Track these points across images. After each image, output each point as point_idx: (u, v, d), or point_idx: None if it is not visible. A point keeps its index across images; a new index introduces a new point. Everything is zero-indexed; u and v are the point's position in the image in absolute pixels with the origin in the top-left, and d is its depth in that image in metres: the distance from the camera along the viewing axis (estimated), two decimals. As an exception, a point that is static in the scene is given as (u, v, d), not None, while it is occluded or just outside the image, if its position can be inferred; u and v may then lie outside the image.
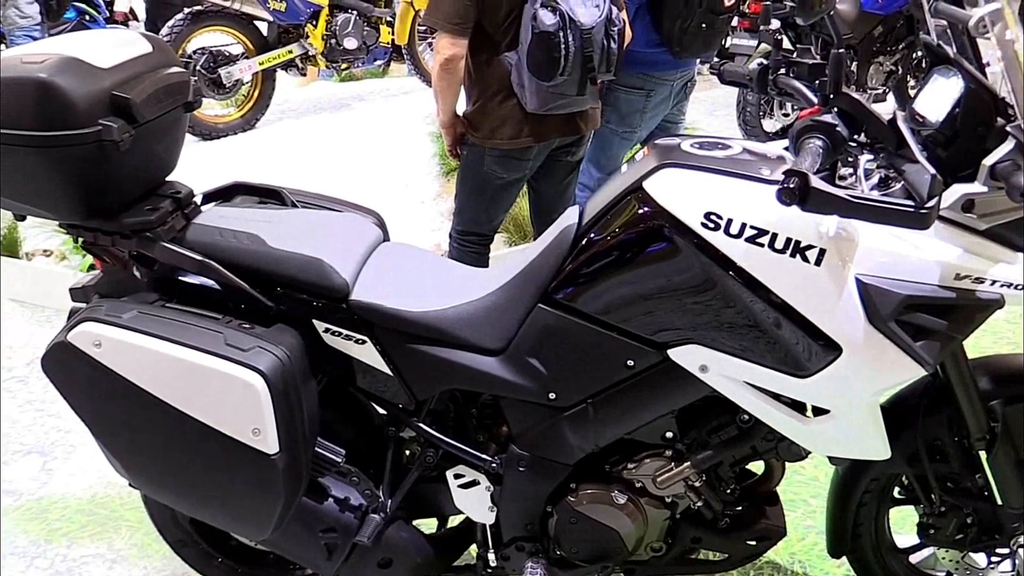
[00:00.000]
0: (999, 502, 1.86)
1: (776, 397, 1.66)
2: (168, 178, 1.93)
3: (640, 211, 1.64)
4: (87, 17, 7.99)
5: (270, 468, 1.66)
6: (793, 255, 1.52)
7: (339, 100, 6.28)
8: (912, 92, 6.52)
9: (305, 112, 6.02)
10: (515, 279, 1.81)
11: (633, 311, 1.68)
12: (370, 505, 1.90)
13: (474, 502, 1.92)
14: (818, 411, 1.67)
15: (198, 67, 5.23)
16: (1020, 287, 1.56)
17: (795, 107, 6.27)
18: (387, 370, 1.84)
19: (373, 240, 1.99)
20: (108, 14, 8.28)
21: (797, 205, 1.32)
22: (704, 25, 3.25)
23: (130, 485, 1.86)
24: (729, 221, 1.55)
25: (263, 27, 5.63)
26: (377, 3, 6.02)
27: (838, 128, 1.43)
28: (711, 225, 1.56)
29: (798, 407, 1.68)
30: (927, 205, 1.31)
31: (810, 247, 1.51)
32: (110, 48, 1.75)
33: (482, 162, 2.96)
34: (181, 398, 1.66)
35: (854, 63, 6.26)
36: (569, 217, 1.79)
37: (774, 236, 1.53)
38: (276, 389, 1.63)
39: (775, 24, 1.89)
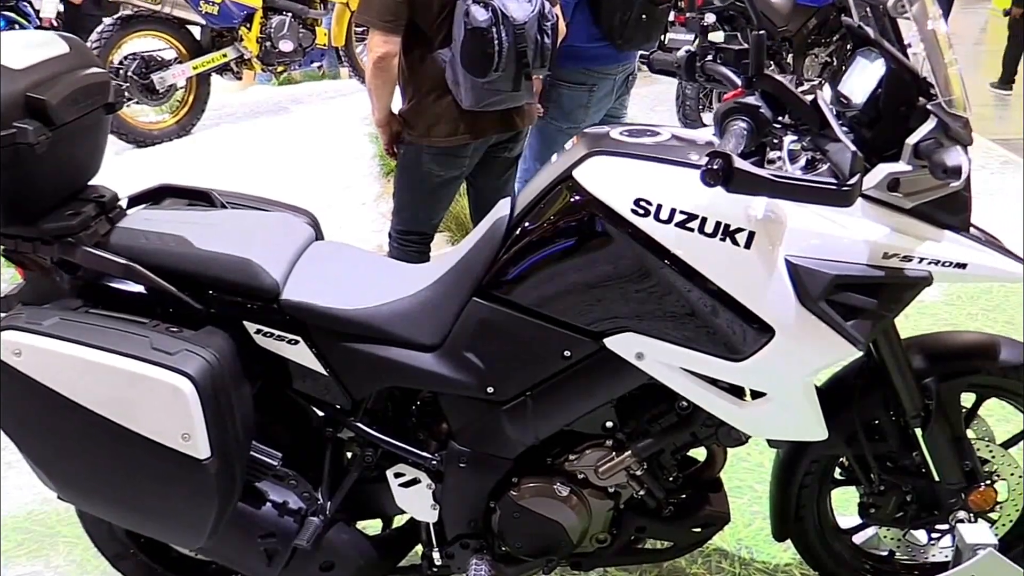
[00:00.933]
0: (936, 478, 1.88)
1: (714, 382, 1.66)
2: (92, 182, 1.88)
3: (570, 200, 1.63)
4: (16, 26, 7.82)
5: (202, 474, 1.62)
6: (723, 239, 1.52)
7: (277, 104, 6.20)
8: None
9: (242, 116, 5.93)
10: (449, 273, 1.79)
11: (567, 301, 1.67)
12: (309, 508, 1.87)
13: (416, 501, 1.90)
14: (756, 394, 1.68)
15: (129, 73, 5.12)
16: (947, 264, 1.58)
17: (731, 98, 6.42)
18: (322, 370, 1.80)
19: (304, 239, 1.95)
20: (39, 22, 8.11)
21: (721, 186, 1.32)
22: (644, 16, 3.26)
23: (59, 498, 1.80)
24: (659, 207, 1.55)
25: (196, 31, 5.54)
26: (312, 5, 5.96)
27: (761, 109, 1.44)
28: (641, 211, 1.56)
29: (736, 391, 1.68)
30: (849, 182, 1.32)
31: (739, 230, 1.52)
32: (24, 49, 1.69)
33: (419, 160, 2.94)
34: (107, 405, 1.61)
35: (790, 55, 6.35)
36: (501, 209, 1.78)
37: (704, 220, 1.53)
38: (205, 392, 1.59)
39: (710, 18, 1.91)
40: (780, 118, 1.51)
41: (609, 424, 1.81)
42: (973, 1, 12.83)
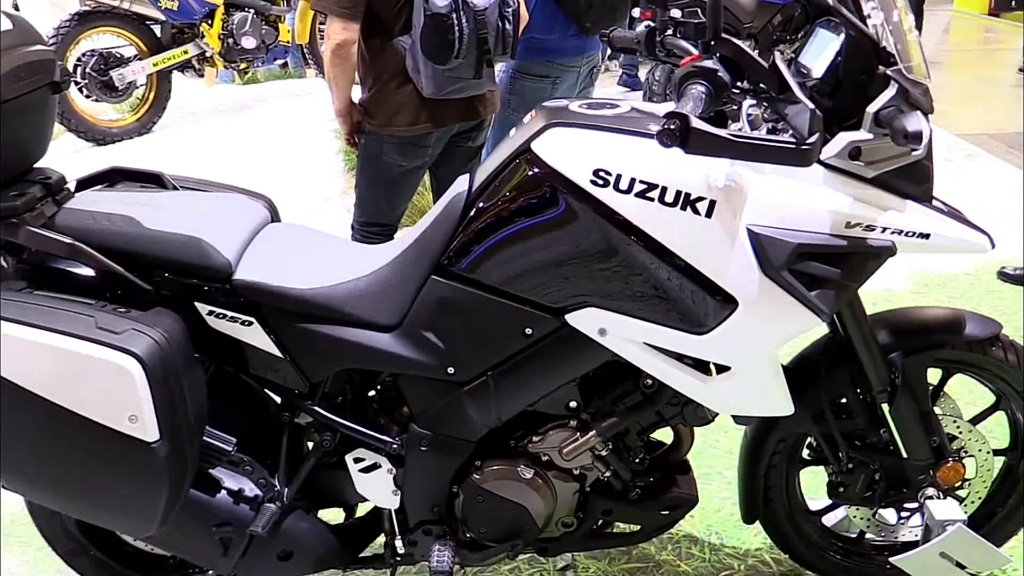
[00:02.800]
0: (904, 455, 1.86)
1: (679, 358, 1.63)
2: (39, 165, 1.82)
3: (529, 173, 1.60)
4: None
5: (150, 457, 1.57)
6: (683, 208, 1.49)
7: (241, 102, 6.13)
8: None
9: (205, 115, 5.86)
10: (407, 251, 1.75)
11: (527, 277, 1.64)
12: (265, 495, 1.82)
13: (376, 486, 1.85)
14: (721, 369, 1.65)
15: (88, 69, 5.04)
16: (910, 234, 1.56)
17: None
18: (277, 352, 1.76)
19: (259, 220, 1.91)
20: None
21: (678, 147, 1.29)
22: None
23: (3, 487, 1.74)
24: (618, 177, 1.52)
25: (157, 28, 5.46)
26: (275, 1, 5.89)
27: (720, 73, 1.41)
28: (600, 182, 1.52)
29: (701, 367, 1.65)
30: (808, 141, 1.29)
31: (700, 199, 1.49)
32: None
33: (380, 150, 2.89)
34: (51, 387, 1.55)
35: (755, 51, 6.38)
36: (459, 185, 1.74)
37: (664, 190, 1.50)
38: (153, 373, 1.54)
39: (676, 14, 1.88)
40: (739, 83, 1.48)
41: (573, 404, 1.77)
42: (936, 3, 12.99)
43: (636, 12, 1.75)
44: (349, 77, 2.80)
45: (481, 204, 1.66)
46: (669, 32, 1.81)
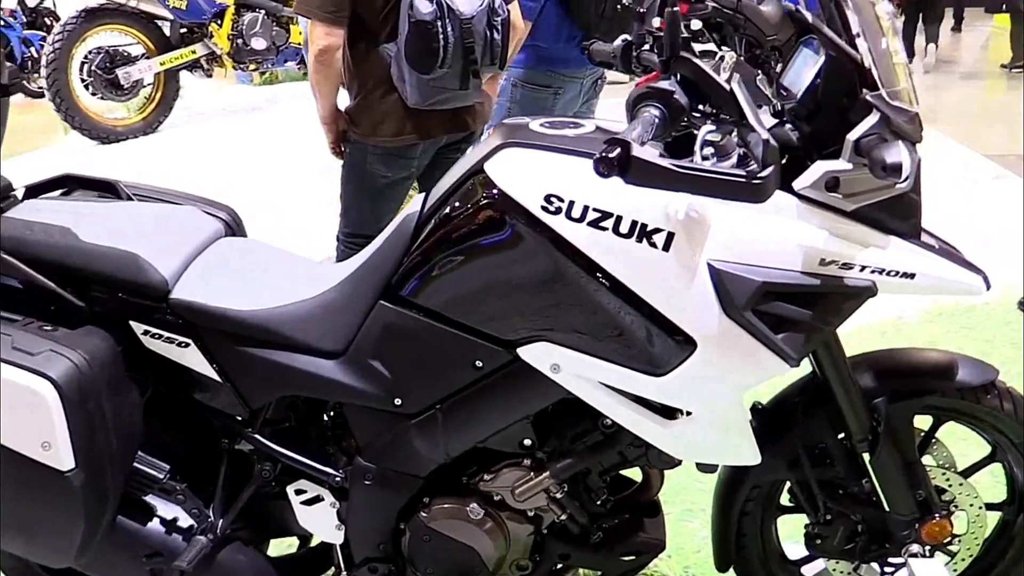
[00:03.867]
0: (887, 508, 1.73)
1: (638, 399, 1.51)
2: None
3: (480, 195, 1.49)
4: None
5: (64, 486, 1.47)
6: (639, 240, 1.37)
7: (252, 103, 6.07)
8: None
9: (214, 115, 5.80)
10: (356, 273, 1.65)
11: (476, 306, 1.53)
12: (199, 527, 1.72)
13: (319, 520, 1.75)
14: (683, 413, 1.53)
15: (93, 67, 4.99)
16: (892, 273, 1.43)
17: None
18: (215, 376, 1.66)
19: (209, 234, 1.81)
20: (24, 19, 8.00)
21: (617, 176, 1.17)
22: (619, 7, 3.12)
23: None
24: (571, 203, 1.40)
25: (165, 27, 5.41)
26: (287, 2, 5.82)
27: (675, 96, 1.29)
28: (552, 208, 1.41)
29: (663, 410, 1.53)
30: (760, 174, 1.17)
31: (657, 231, 1.37)
32: None
33: (365, 160, 2.80)
34: None
35: (779, 64, 6.22)
36: (414, 204, 1.63)
37: (618, 219, 1.38)
38: (69, 398, 1.45)
39: (696, 24, 1.77)
40: (700, 106, 1.36)
41: (527, 442, 1.65)
42: (976, 18, 12.77)
43: (656, 23, 1.61)
44: (333, 84, 2.72)
45: (431, 226, 1.55)
46: (647, 47, 1.69)
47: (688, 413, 1.50)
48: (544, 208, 1.41)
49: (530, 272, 1.46)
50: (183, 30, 5.40)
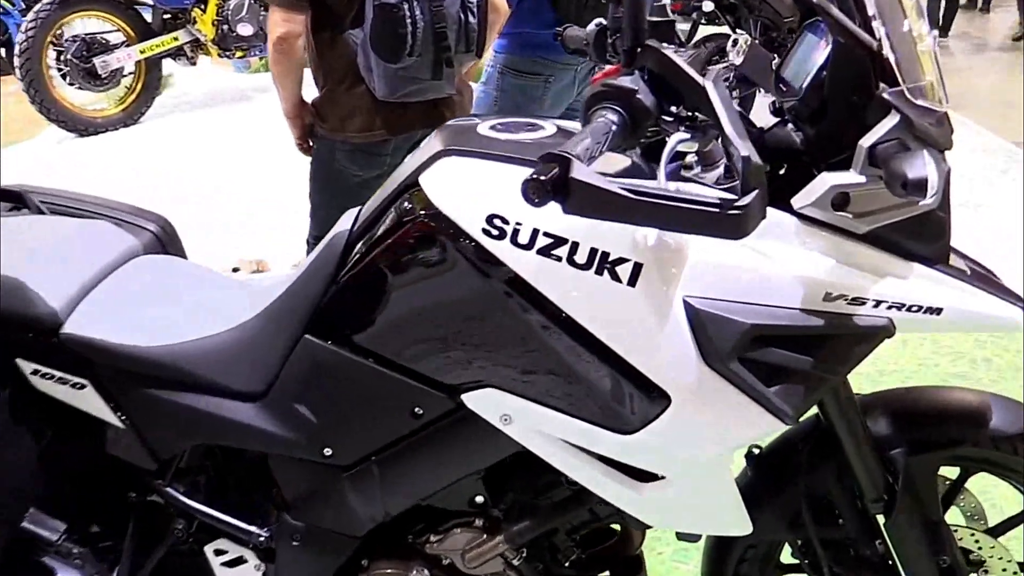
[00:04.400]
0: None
1: (605, 458, 1.26)
2: None
3: (413, 213, 1.24)
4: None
5: None
6: (599, 271, 1.12)
7: (239, 91, 5.82)
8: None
9: (199, 105, 5.55)
10: (278, 302, 1.40)
11: (413, 345, 1.28)
12: (99, 594, 1.49)
13: (242, 585, 1.51)
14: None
15: (70, 56, 4.75)
16: (914, 308, 1.17)
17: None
18: (117, 422, 1.42)
19: (119, 254, 1.57)
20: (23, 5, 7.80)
21: (555, 202, 0.92)
22: None
23: None
24: (518, 226, 1.14)
25: (147, 13, 5.16)
26: (276, -15, 5.55)
27: (639, 95, 1.02)
28: (495, 232, 1.15)
29: (637, 470, 1.28)
30: (739, 203, 0.91)
31: (622, 261, 1.11)
32: None
33: (333, 158, 2.56)
34: None
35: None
36: (344, 221, 1.38)
37: (574, 246, 1.12)
38: None
39: (708, 6, 1.52)
40: (676, 108, 1.10)
41: (479, 499, 1.41)
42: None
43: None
44: (295, 75, 2.49)
45: (361, 248, 1.30)
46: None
47: (663, 476, 1.25)
48: (486, 232, 1.16)
49: (470, 307, 1.21)
50: (165, 16, 5.15)
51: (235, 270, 3.63)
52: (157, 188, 4.00)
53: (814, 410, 1.41)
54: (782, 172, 1.22)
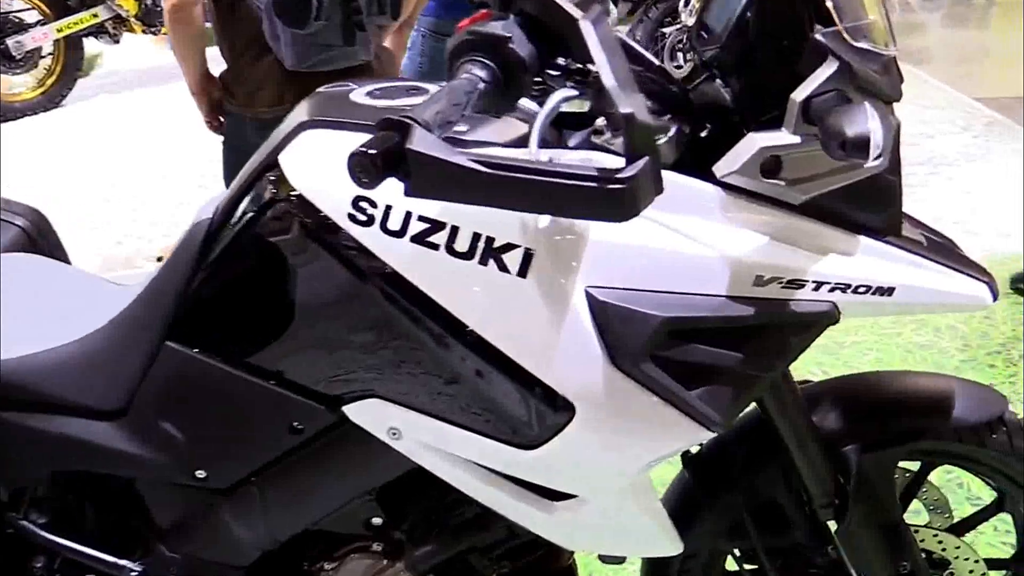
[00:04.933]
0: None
1: (510, 476, 1.09)
2: None
3: (273, 197, 1.05)
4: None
5: None
6: (484, 261, 0.94)
7: (171, 71, 5.53)
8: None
9: (127, 85, 5.27)
10: (135, 304, 1.21)
11: (284, 350, 1.10)
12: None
13: (113, 627, 1.33)
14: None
15: (-22, 36, 4.49)
16: (862, 289, 1.00)
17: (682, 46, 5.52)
18: (-46, 447, 1.23)
19: None
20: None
21: (396, 178, 0.73)
22: None
23: None
24: (387, 209, 0.96)
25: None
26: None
27: (512, 45, 0.84)
28: (362, 217, 0.97)
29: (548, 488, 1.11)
30: (621, 175, 0.72)
31: (510, 247, 0.93)
32: None
33: (243, 134, 2.34)
34: None
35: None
36: (205, 209, 1.19)
37: (454, 231, 0.94)
38: None
39: None
40: (563, 60, 0.91)
41: (376, 521, 1.23)
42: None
43: None
44: (195, 45, 2.29)
45: (222, 240, 1.11)
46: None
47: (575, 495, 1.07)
48: (352, 217, 0.97)
49: (342, 306, 1.03)
50: (86, -10, 4.89)
51: (159, 259, 3.42)
52: (78, 176, 3.78)
53: (753, 405, 1.25)
54: (704, 135, 1.04)
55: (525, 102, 0.93)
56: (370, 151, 0.71)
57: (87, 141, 4.27)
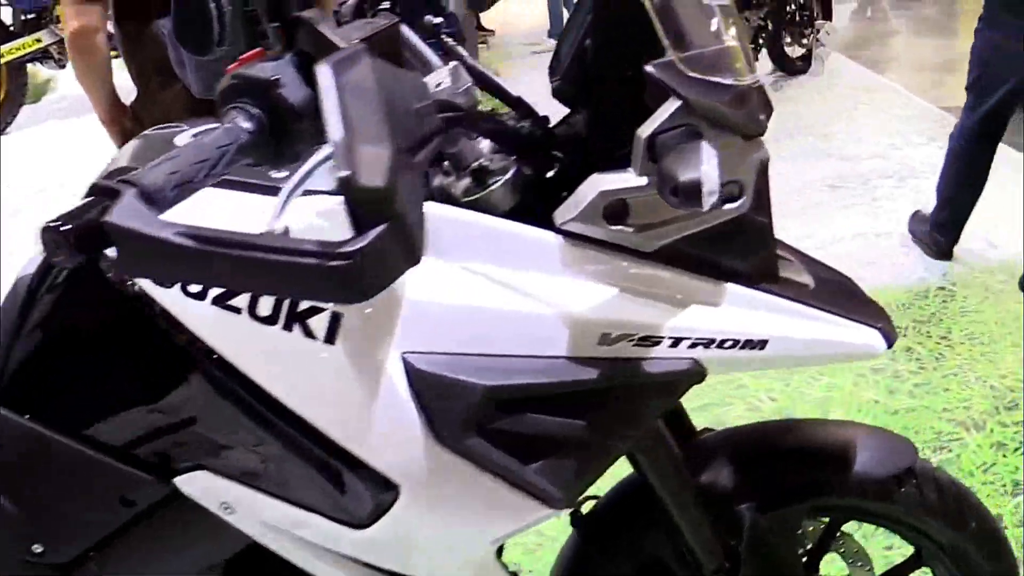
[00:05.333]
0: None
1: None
2: None
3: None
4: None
5: None
6: (288, 326, 0.84)
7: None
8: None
9: (75, 112, 5.15)
10: None
11: (105, 418, 1.01)
12: None
13: None
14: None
15: (-84, 65, 4.38)
16: (728, 343, 0.90)
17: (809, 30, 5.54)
18: None
19: None
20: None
21: (82, 255, 0.64)
22: None
23: None
24: None
25: (6, 15, 4.78)
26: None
27: (280, 90, 0.73)
28: None
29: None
30: (343, 249, 0.61)
31: (316, 310, 0.83)
32: None
33: None
34: None
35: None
36: (31, 264, 1.09)
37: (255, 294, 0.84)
38: None
39: None
40: None
41: None
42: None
43: None
44: (101, 74, 2.18)
45: (39, 301, 1.02)
46: None
47: None
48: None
49: (153, 373, 0.93)
50: (27, 17, 4.76)
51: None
52: (19, 208, 3.69)
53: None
54: (550, 175, 0.95)
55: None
56: (62, 227, 0.61)
57: (31, 169, 4.17)
